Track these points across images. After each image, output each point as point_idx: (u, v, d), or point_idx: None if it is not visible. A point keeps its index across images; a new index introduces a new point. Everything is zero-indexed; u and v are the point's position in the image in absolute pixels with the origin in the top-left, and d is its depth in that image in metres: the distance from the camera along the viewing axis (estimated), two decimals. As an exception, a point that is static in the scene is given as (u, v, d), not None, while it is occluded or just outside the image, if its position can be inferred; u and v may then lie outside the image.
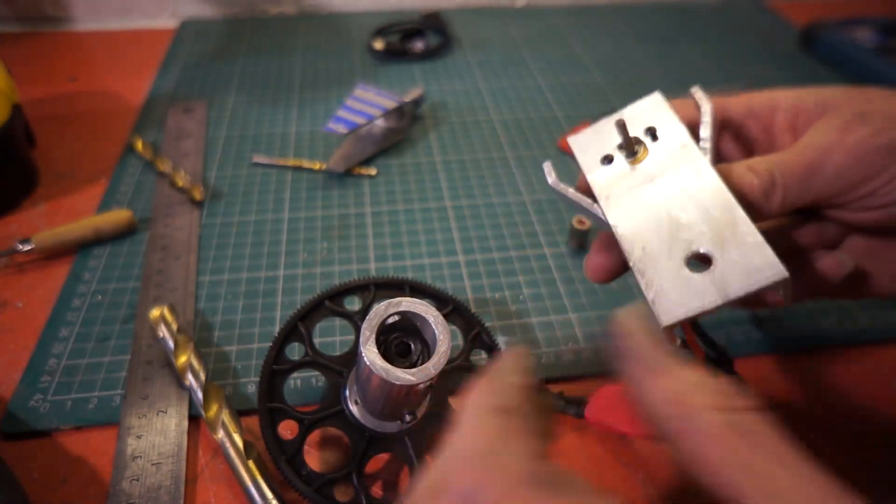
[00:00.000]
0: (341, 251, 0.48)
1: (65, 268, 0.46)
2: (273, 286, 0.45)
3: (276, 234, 0.50)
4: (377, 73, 0.72)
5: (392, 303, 0.28)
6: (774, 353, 0.41)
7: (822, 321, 0.43)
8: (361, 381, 0.30)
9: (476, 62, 0.75)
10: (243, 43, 0.78)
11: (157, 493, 0.32)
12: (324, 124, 0.60)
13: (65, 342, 0.41)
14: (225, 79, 0.70)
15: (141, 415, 0.36)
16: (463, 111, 0.66)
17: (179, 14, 0.84)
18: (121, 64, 0.74)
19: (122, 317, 0.42)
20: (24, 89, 0.57)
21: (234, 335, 0.41)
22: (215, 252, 0.48)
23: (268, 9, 0.86)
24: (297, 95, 0.68)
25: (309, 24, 0.83)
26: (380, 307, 0.28)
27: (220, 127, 0.62)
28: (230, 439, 0.34)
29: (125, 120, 0.63)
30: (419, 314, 0.28)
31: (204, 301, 0.44)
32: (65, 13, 0.82)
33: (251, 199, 0.53)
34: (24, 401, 0.37)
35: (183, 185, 0.53)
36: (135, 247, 0.48)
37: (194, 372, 0.37)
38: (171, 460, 0.34)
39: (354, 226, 0.51)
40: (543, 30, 0.83)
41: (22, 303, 0.44)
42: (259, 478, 0.32)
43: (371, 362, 0.27)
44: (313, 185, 0.55)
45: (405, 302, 0.28)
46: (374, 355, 0.27)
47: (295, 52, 0.76)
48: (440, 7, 0.86)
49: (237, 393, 0.38)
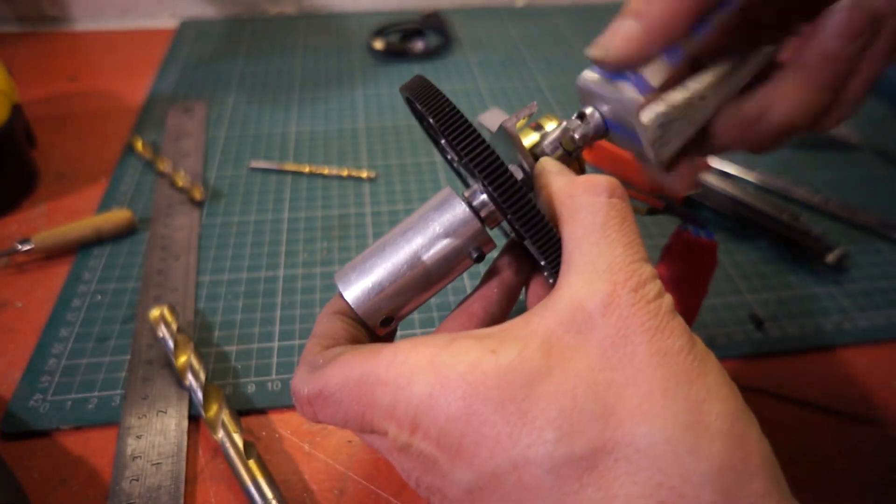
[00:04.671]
0: (341, 251, 0.48)
1: (65, 268, 0.46)
2: (273, 286, 0.45)
3: (276, 234, 0.50)
4: (377, 73, 0.72)
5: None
6: (774, 353, 0.41)
7: (822, 321, 0.43)
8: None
9: (476, 62, 0.75)
10: (243, 43, 0.78)
11: (157, 493, 0.32)
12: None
13: (65, 342, 0.41)
14: (225, 79, 0.70)
15: (141, 415, 0.36)
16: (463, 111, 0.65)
17: (179, 14, 0.84)
18: (121, 64, 0.74)
19: (122, 317, 0.42)
20: (24, 89, 0.57)
21: (234, 335, 0.41)
22: (215, 252, 0.48)
23: (268, 9, 0.86)
24: (297, 95, 0.68)
25: (309, 24, 0.83)
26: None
27: (220, 127, 0.62)
28: (230, 439, 0.34)
29: (125, 120, 0.63)
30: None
31: (204, 301, 0.44)
32: (64, 13, 0.82)
33: (251, 199, 0.53)
34: (24, 401, 0.37)
35: (183, 185, 0.53)
36: (135, 247, 0.48)
37: (194, 372, 0.37)
38: (171, 460, 0.34)
39: (354, 226, 0.51)
40: (543, 30, 0.83)
41: (22, 303, 0.44)
42: (259, 478, 0.32)
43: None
44: (313, 185, 0.55)
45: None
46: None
47: (295, 52, 0.76)
48: (440, 7, 0.86)
49: (237, 393, 0.38)
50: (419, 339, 0.22)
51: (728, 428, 0.18)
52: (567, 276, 0.22)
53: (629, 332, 0.19)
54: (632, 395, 0.19)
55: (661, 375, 0.19)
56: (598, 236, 0.22)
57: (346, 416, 0.22)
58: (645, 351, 0.19)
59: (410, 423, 0.20)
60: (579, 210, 0.23)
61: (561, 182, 0.24)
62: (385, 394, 0.21)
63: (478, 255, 0.26)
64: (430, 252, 0.26)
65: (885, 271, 0.47)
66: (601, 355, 0.19)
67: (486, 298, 0.27)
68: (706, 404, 0.18)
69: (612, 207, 0.22)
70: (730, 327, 0.43)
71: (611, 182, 0.23)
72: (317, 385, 0.23)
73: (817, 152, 0.60)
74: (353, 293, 0.26)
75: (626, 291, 0.20)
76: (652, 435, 0.18)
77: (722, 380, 0.19)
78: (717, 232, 0.50)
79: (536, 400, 0.19)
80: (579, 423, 0.18)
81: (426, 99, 0.25)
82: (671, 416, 0.18)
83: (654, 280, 0.21)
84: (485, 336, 0.21)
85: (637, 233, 0.22)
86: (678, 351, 0.19)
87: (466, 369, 0.20)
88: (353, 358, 0.22)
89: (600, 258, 0.21)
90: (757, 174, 0.55)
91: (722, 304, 0.44)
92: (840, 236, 0.50)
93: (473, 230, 0.26)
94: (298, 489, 0.33)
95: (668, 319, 0.20)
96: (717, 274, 0.46)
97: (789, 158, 0.59)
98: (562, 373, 0.19)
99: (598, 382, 0.19)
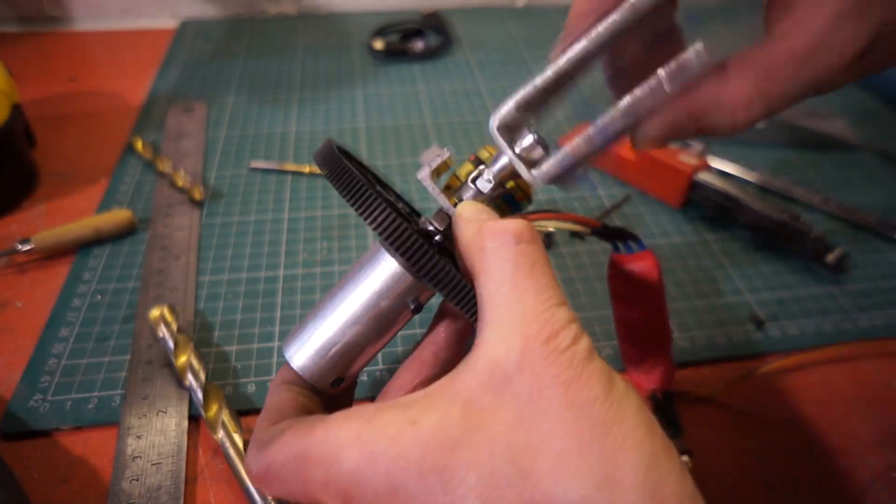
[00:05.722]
0: (341, 251, 0.48)
1: (65, 268, 0.46)
2: (273, 286, 0.45)
3: (276, 234, 0.50)
4: (377, 73, 0.72)
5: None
6: (774, 353, 0.41)
7: (822, 321, 0.43)
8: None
9: (476, 62, 0.75)
10: (243, 43, 0.78)
11: (157, 493, 0.32)
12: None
13: (65, 342, 0.41)
14: (225, 79, 0.70)
15: (141, 415, 0.36)
16: (463, 111, 0.66)
17: (179, 14, 0.84)
18: (121, 64, 0.74)
19: (122, 317, 0.42)
20: (24, 89, 0.57)
21: (234, 335, 0.41)
22: (215, 252, 0.48)
23: (268, 9, 0.86)
24: (297, 95, 0.68)
25: (309, 24, 0.83)
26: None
27: (220, 127, 0.62)
28: (230, 439, 0.34)
29: (125, 120, 0.63)
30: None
31: (204, 301, 0.44)
32: (65, 13, 0.82)
33: (251, 199, 0.53)
34: (24, 401, 0.37)
35: (183, 185, 0.53)
36: (135, 247, 0.48)
37: (194, 372, 0.37)
38: (171, 460, 0.34)
39: (354, 226, 0.51)
40: (543, 30, 0.83)
41: (22, 303, 0.44)
42: (259, 478, 0.32)
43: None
44: (313, 185, 0.55)
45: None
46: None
47: (295, 52, 0.76)
48: (440, 7, 0.86)
49: (237, 393, 0.38)
50: (349, 412, 0.22)
51: (641, 479, 0.18)
52: (483, 332, 0.22)
53: (543, 387, 0.19)
54: (548, 454, 0.18)
55: (577, 430, 0.19)
56: (509, 288, 0.21)
57: (292, 491, 0.23)
58: (560, 404, 0.19)
59: (343, 496, 0.21)
60: (488, 261, 0.22)
61: (469, 233, 0.24)
62: (318, 469, 0.21)
63: (415, 307, 0.26)
64: (368, 308, 0.26)
65: (885, 271, 0.47)
66: (518, 413, 0.19)
67: (435, 344, 0.27)
68: (621, 455, 0.18)
69: (519, 255, 0.22)
70: (730, 327, 0.43)
71: (517, 227, 0.23)
72: (263, 463, 0.23)
73: (817, 152, 0.60)
74: (300, 361, 0.27)
75: (539, 344, 0.20)
76: (569, 494, 0.18)
77: (639, 421, 0.19)
78: (716, 232, 0.50)
79: (456, 469, 0.19)
80: (499, 488, 0.18)
81: (332, 169, 0.25)
82: (586, 473, 0.18)
83: (568, 326, 0.20)
84: (409, 404, 0.21)
85: (549, 275, 0.22)
86: (593, 401, 0.19)
87: (388, 444, 0.20)
88: (293, 435, 0.23)
89: (512, 311, 0.21)
90: (757, 174, 0.55)
91: (722, 304, 0.44)
92: (840, 236, 0.50)
93: (406, 284, 0.26)
94: (298, 489, 0.33)
95: (582, 367, 0.20)
96: (717, 274, 0.47)
97: (789, 158, 0.59)
98: (481, 436, 0.19)
99: (516, 443, 0.19)
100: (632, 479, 0.18)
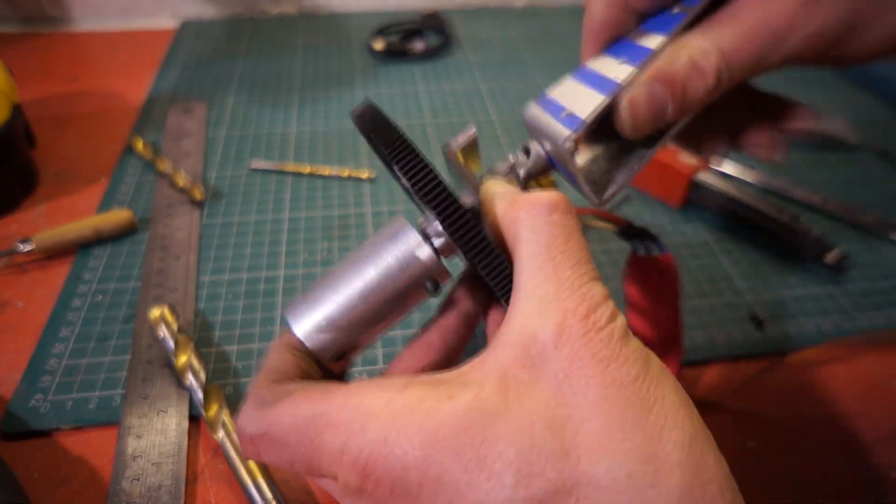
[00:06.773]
0: (341, 251, 0.48)
1: (65, 268, 0.46)
2: (273, 286, 0.45)
3: (277, 234, 0.50)
4: (377, 73, 0.72)
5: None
6: (774, 353, 0.41)
7: (822, 321, 0.43)
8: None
9: (476, 62, 0.75)
10: (243, 43, 0.78)
11: (157, 492, 0.32)
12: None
13: (65, 342, 0.41)
14: (225, 79, 0.70)
15: (141, 415, 0.36)
16: (463, 111, 0.66)
17: (179, 14, 0.84)
18: (121, 64, 0.74)
19: (123, 317, 0.42)
20: (24, 89, 0.57)
21: (234, 335, 0.41)
22: (215, 252, 0.48)
23: (268, 9, 0.86)
24: (297, 95, 0.68)
25: (309, 24, 0.83)
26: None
27: (220, 127, 0.62)
28: (230, 439, 0.34)
29: (125, 120, 0.63)
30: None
31: (204, 301, 0.44)
32: (65, 13, 0.82)
33: (251, 199, 0.53)
34: (24, 401, 0.37)
35: (183, 185, 0.53)
36: (135, 247, 0.48)
37: (194, 372, 0.37)
38: (172, 460, 0.34)
39: (354, 226, 0.51)
40: (543, 30, 0.83)
41: (22, 303, 0.44)
42: (259, 478, 0.32)
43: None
44: (314, 185, 0.55)
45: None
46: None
47: (295, 52, 0.76)
48: (440, 7, 0.86)
49: (237, 393, 0.38)
50: (372, 382, 0.21)
51: (685, 456, 0.18)
52: (517, 304, 0.21)
53: (582, 365, 0.19)
54: (589, 432, 0.18)
55: (618, 408, 0.18)
56: (544, 259, 0.21)
57: (293, 458, 0.21)
58: (599, 383, 0.19)
59: (362, 469, 0.19)
60: (522, 233, 0.22)
61: (503, 205, 0.23)
62: (335, 437, 0.20)
63: (433, 288, 0.25)
64: (384, 285, 0.25)
65: (885, 271, 0.47)
66: (556, 390, 0.19)
67: (444, 328, 0.26)
68: (664, 432, 0.18)
69: (554, 225, 0.21)
70: (730, 327, 0.43)
71: (552, 198, 0.22)
72: (264, 423, 0.21)
73: (817, 152, 0.60)
74: (304, 328, 0.25)
75: (577, 320, 0.20)
76: (613, 472, 0.18)
77: (679, 401, 0.19)
78: (716, 232, 0.50)
79: (494, 442, 0.18)
80: (538, 464, 0.18)
81: (376, 129, 0.24)
82: (630, 451, 0.18)
83: (605, 302, 0.20)
84: (441, 382, 0.20)
85: (584, 249, 0.22)
86: (633, 380, 0.19)
87: (424, 417, 0.19)
88: (304, 398, 0.21)
89: (548, 283, 0.20)
90: (757, 174, 0.55)
91: (722, 304, 0.44)
92: (840, 236, 0.50)
93: (429, 262, 0.25)
94: (298, 489, 0.33)
95: (620, 346, 0.19)
96: (717, 274, 0.47)
97: (789, 158, 0.59)
98: (519, 410, 0.19)
99: (556, 419, 0.19)
100: (676, 456, 0.18)
